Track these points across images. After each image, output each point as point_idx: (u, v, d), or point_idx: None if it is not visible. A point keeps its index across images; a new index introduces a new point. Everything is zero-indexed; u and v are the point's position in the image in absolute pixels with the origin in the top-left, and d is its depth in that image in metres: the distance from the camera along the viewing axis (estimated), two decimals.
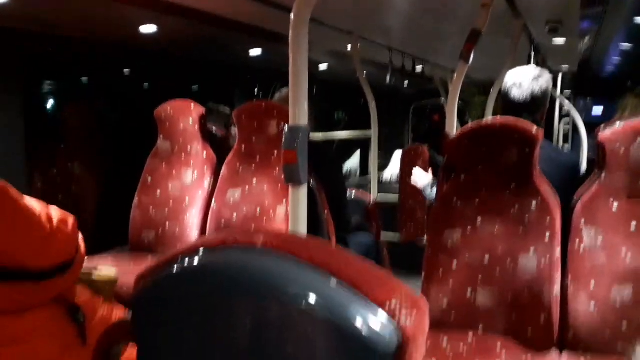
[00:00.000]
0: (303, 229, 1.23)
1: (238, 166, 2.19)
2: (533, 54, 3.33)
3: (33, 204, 0.98)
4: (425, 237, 1.93)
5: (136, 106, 3.27)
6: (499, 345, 1.47)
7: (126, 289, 0.84)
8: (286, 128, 1.20)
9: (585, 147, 3.82)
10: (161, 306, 0.53)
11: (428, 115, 5.44)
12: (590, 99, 5.40)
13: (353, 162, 5.39)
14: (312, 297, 0.44)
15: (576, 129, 4.31)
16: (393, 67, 3.44)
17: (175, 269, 0.51)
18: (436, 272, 1.60)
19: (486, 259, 1.55)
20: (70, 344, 0.99)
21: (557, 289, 1.49)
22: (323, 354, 0.45)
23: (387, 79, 3.41)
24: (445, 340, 1.49)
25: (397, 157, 4.45)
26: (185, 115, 2.36)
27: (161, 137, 2.40)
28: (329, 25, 2.59)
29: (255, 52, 3.05)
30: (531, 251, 1.51)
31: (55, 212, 1.01)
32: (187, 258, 0.51)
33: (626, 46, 3.76)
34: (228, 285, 0.48)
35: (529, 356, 1.44)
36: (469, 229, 1.59)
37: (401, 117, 5.87)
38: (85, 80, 3.28)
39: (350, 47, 2.98)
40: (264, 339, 0.48)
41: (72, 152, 2.70)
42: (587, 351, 1.45)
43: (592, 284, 1.47)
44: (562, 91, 4.73)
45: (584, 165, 2.98)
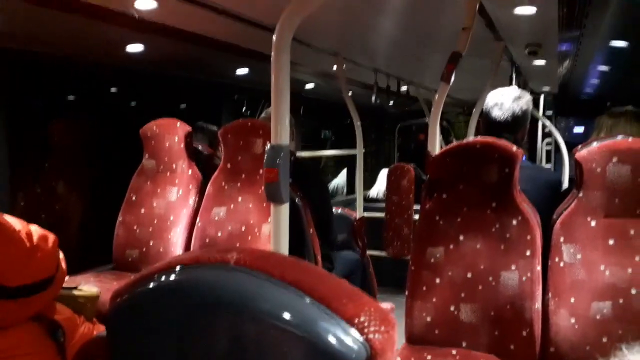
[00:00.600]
0: (285, 247, 1.24)
1: (223, 184, 2.20)
2: (514, 75, 3.41)
3: (12, 221, 0.97)
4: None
5: (122, 124, 3.27)
6: None
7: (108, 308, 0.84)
8: (268, 146, 1.21)
9: (567, 166, 3.89)
10: (136, 323, 0.53)
11: (413, 134, 5.51)
12: (571, 119, 5.52)
13: (339, 180, 5.42)
14: (284, 314, 0.45)
15: (558, 148, 4.39)
16: (378, 88, 3.49)
17: (150, 286, 0.52)
18: (420, 288, 1.61)
19: (469, 275, 1.57)
20: None
21: (538, 304, 1.51)
22: None
23: (373, 99, 3.46)
24: (429, 357, 1.50)
25: (383, 175, 4.49)
26: (171, 133, 2.37)
27: (146, 156, 2.41)
28: (315, 47, 2.63)
29: (242, 71, 3.08)
30: (512, 268, 1.53)
31: (35, 230, 1.01)
32: (162, 275, 0.52)
33: (604, 68, 3.86)
34: (202, 302, 0.49)
35: None
36: (451, 246, 1.61)
37: (388, 136, 5.93)
38: (71, 98, 3.28)
39: (335, 67, 3.03)
40: (238, 355, 0.48)
41: (57, 170, 2.69)
42: None
43: (572, 300, 1.49)
44: (544, 112, 4.83)
45: (566, 183, 3.03)
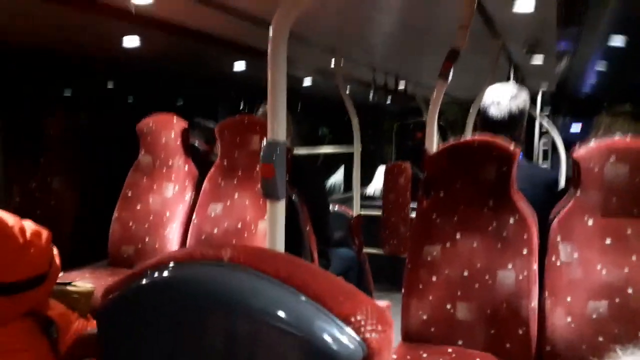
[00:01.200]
0: (281, 243, 1.23)
1: (220, 180, 2.19)
2: (512, 73, 3.41)
3: (5, 217, 0.96)
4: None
5: (118, 120, 3.25)
6: (477, 359, 1.47)
7: None
8: (264, 142, 1.20)
9: (564, 165, 3.89)
10: (128, 319, 0.52)
11: (411, 132, 5.50)
12: (568, 118, 5.53)
13: (337, 178, 5.41)
14: (278, 312, 0.44)
15: (555, 146, 4.39)
16: (376, 85, 3.48)
17: (141, 283, 0.51)
18: (416, 287, 1.61)
19: (465, 274, 1.57)
20: (43, 358, 0.97)
21: (534, 303, 1.51)
22: None
23: (370, 96, 3.45)
24: (425, 355, 1.49)
25: (380, 172, 4.48)
26: (168, 129, 2.35)
27: (142, 151, 2.39)
28: (312, 43, 2.61)
29: (240, 66, 3.07)
30: (509, 266, 1.53)
31: (29, 226, 1.00)
32: (154, 272, 0.51)
33: (602, 66, 3.86)
34: (194, 300, 0.48)
35: None
36: (448, 244, 1.60)
37: (385, 134, 5.93)
38: (66, 92, 3.25)
39: (333, 64, 3.01)
40: (231, 353, 0.47)
41: (52, 165, 2.67)
42: None
43: (569, 299, 1.49)
44: (541, 110, 4.83)
45: (563, 182, 3.03)
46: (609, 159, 1.50)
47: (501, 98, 1.83)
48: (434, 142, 2.04)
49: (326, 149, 5.31)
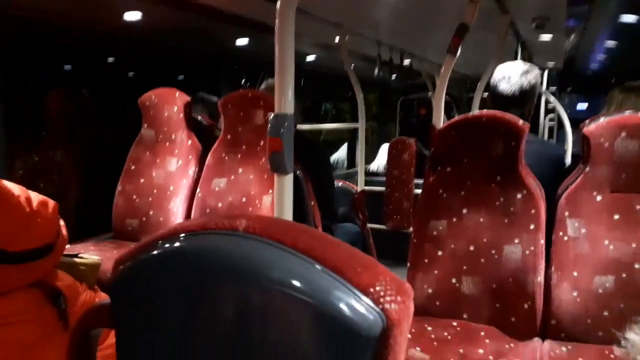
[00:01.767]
0: (289, 217, 1.22)
1: (224, 155, 2.18)
2: (520, 50, 3.35)
3: (11, 186, 0.95)
4: (411, 228, 1.95)
5: (120, 94, 3.22)
6: (482, 333, 1.48)
7: (109, 275, 0.83)
8: (271, 116, 1.18)
9: (570, 142, 3.86)
10: (140, 290, 0.52)
11: (415, 108, 5.45)
12: (575, 95, 5.46)
13: (340, 154, 5.39)
14: (295, 282, 0.43)
15: (561, 124, 4.35)
16: (381, 61, 3.44)
17: (154, 253, 0.50)
18: (421, 261, 1.61)
19: (471, 248, 1.57)
20: (51, 329, 0.98)
21: (540, 278, 1.51)
22: (307, 338, 0.44)
23: (375, 72, 3.41)
24: (429, 328, 1.50)
25: (384, 149, 4.46)
26: (170, 103, 2.33)
27: (145, 126, 2.38)
28: (317, 17, 2.56)
29: (242, 41, 3.02)
30: (516, 241, 1.53)
31: (35, 196, 0.99)
32: (166, 242, 0.50)
33: (611, 44, 3.80)
34: (208, 270, 0.47)
35: (512, 344, 1.46)
36: (454, 219, 1.60)
37: (390, 110, 5.87)
38: (68, 67, 3.22)
39: (338, 39, 2.96)
40: (246, 324, 0.47)
41: (55, 140, 2.65)
42: (569, 339, 1.48)
43: (575, 274, 1.49)
44: (547, 87, 4.77)
45: (569, 158, 3.01)
46: (619, 135, 1.48)
47: (512, 73, 1.80)
48: (441, 118, 2.02)
49: (330, 126, 5.28)
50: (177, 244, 0.50)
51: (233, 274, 0.46)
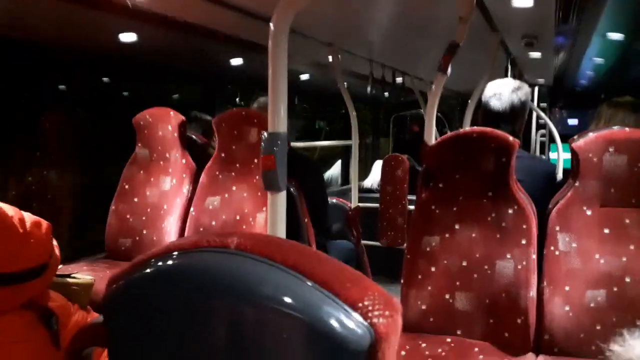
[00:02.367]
0: (282, 235, 1.23)
1: (217, 173, 2.18)
2: (510, 67, 3.40)
3: (4, 207, 0.96)
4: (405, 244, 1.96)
5: (115, 114, 3.24)
6: (476, 349, 1.48)
7: (102, 295, 0.83)
8: (265, 134, 1.20)
9: (561, 157, 3.90)
10: (133, 309, 0.52)
11: (408, 125, 5.50)
12: (565, 112, 5.54)
13: (334, 171, 5.41)
14: (286, 298, 0.44)
15: (552, 140, 4.40)
16: (374, 79, 3.48)
17: (147, 272, 0.51)
18: (415, 277, 1.62)
19: (464, 264, 1.58)
20: (43, 350, 0.97)
21: (533, 293, 1.52)
22: (298, 353, 0.45)
23: (368, 89, 3.45)
24: (423, 345, 1.50)
25: (377, 165, 4.48)
26: (164, 122, 2.35)
27: (139, 145, 2.39)
28: (310, 37, 2.60)
29: (237, 61, 3.05)
30: (508, 256, 1.54)
31: (28, 216, 1.00)
32: (159, 261, 0.51)
33: (599, 60, 3.87)
34: (201, 288, 0.48)
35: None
36: (447, 235, 1.61)
37: (383, 127, 5.92)
38: (62, 87, 3.23)
39: (331, 58, 3.00)
40: (239, 340, 0.47)
41: (49, 159, 2.65)
42: (562, 354, 1.48)
43: (567, 288, 1.50)
44: (538, 103, 4.84)
45: (560, 174, 3.04)
46: (607, 150, 1.51)
47: (503, 90, 1.83)
48: (432, 135, 2.04)
49: (323, 143, 5.31)
50: (169, 262, 0.51)
51: (225, 291, 0.47)
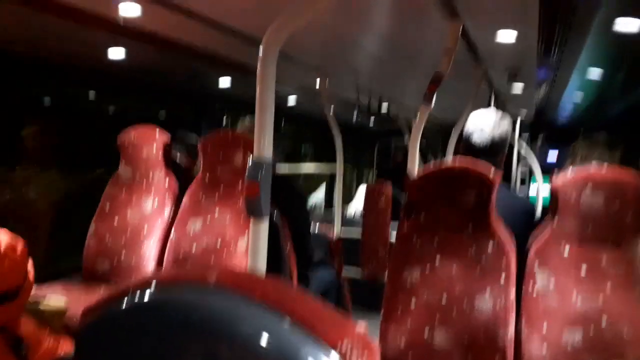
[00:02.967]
0: (262, 263, 1.22)
1: (200, 196, 2.16)
2: (493, 98, 3.48)
3: None
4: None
5: (99, 131, 3.21)
6: None
7: (76, 320, 0.81)
8: (250, 159, 1.20)
9: (541, 191, 3.96)
10: (107, 344, 0.51)
11: (392, 153, 5.55)
12: (546, 144, 5.65)
13: (318, 196, 5.41)
14: (264, 338, 0.44)
15: (533, 172, 4.48)
16: (360, 105, 3.52)
17: (123, 304, 0.50)
18: (395, 311, 1.60)
19: (444, 298, 1.57)
20: None
21: (511, 331, 1.51)
22: None
23: (354, 116, 3.48)
24: None
25: (361, 192, 4.49)
26: (149, 142, 2.33)
27: (123, 163, 2.36)
28: (298, 61, 2.64)
29: (225, 82, 3.07)
30: (487, 292, 1.53)
31: (3, 237, 0.97)
32: (137, 293, 0.50)
33: (579, 96, 3.98)
34: (178, 324, 0.47)
35: None
36: (427, 268, 1.60)
37: (367, 154, 5.97)
38: (47, 101, 3.20)
39: (318, 83, 3.04)
40: None
41: (28, 174, 2.61)
42: None
43: (545, 327, 1.50)
44: (520, 135, 4.94)
45: (540, 208, 3.08)
46: (585, 188, 1.53)
47: (485, 125, 1.86)
48: (415, 164, 2.06)
49: (308, 167, 5.32)
50: (147, 295, 0.50)
51: (202, 329, 0.46)
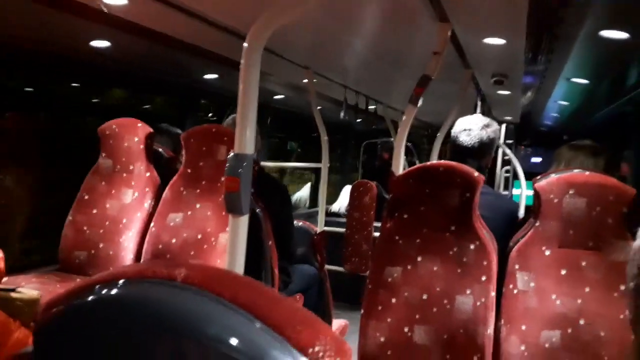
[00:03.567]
0: (241, 259, 1.20)
1: (182, 189, 2.13)
2: (479, 102, 3.50)
3: None
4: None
5: (81, 121, 3.16)
6: None
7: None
8: (231, 154, 1.18)
9: (524, 194, 4.00)
10: (68, 339, 0.49)
11: (378, 152, 5.56)
12: (530, 149, 5.72)
13: (303, 193, 5.40)
14: (232, 340, 0.42)
15: (516, 176, 4.52)
16: (347, 104, 3.51)
17: (87, 299, 0.48)
18: (375, 307, 1.60)
19: (424, 297, 1.57)
20: None
21: (490, 331, 1.52)
22: None
23: (341, 115, 3.48)
24: None
25: (346, 190, 4.50)
26: (131, 133, 2.29)
27: (103, 155, 2.32)
28: (286, 59, 2.62)
29: (211, 76, 3.03)
30: (467, 292, 1.54)
31: None
32: (103, 288, 0.48)
33: (564, 103, 4.02)
34: (142, 322, 0.45)
35: None
36: (409, 266, 1.61)
37: (353, 153, 5.97)
38: (29, 90, 3.14)
39: (306, 81, 3.02)
40: None
41: (4, 162, 2.55)
42: None
43: (524, 327, 1.51)
44: (504, 140, 4.98)
45: (522, 211, 3.11)
46: (568, 192, 1.55)
47: (473, 126, 1.87)
48: (400, 164, 2.06)
49: (294, 164, 5.31)
50: (113, 291, 0.48)
51: (168, 327, 0.44)
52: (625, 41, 1.77)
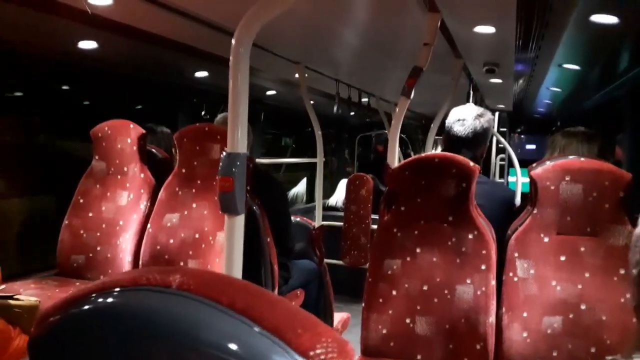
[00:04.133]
0: (238, 258, 1.19)
1: (177, 190, 2.12)
2: (472, 92, 3.49)
3: None
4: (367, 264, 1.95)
5: (72, 123, 3.13)
6: None
7: None
8: (224, 154, 1.16)
9: (520, 181, 4.01)
10: (64, 348, 0.48)
11: (373, 145, 5.55)
12: (524, 137, 5.72)
13: (299, 189, 5.39)
14: (231, 346, 0.41)
15: (511, 163, 4.53)
16: (340, 98, 3.50)
17: (82, 309, 0.47)
18: (376, 300, 1.60)
19: (425, 288, 1.58)
20: None
21: (492, 318, 1.53)
22: None
23: (334, 109, 3.46)
24: None
25: (342, 184, 4.49)
26: (123, 135, 2.27)
27: (96, 157, 2.30)
28: (277, 54, 2.60)
29: (202, 73, 3.01)
30: (468, 281, 1.55)
31: None
32: (98, 297, 0.47)
33: (556, 89, 4.02)
34: (139, 330, 0.44)
35: None
36: (408, 258, 1.61)
37: (348, 146, 5.96)
38: (18, 94, 3.10)
39: (297, 76, 3.00)
40: None
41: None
42: None
43: (525, 314, 1.52)
44: (498, 128, 4.99)
45: (519, 198, 3.11)
46: (564, 179, 1.54)
47: (467, 116, 1.86)
48: (395, 156, 2.05)
49: (289, 160, 5.29)
50: (109, 300, 0.47)
51: (165, 335, 0.43)
52: (615, 26, 1.77)
